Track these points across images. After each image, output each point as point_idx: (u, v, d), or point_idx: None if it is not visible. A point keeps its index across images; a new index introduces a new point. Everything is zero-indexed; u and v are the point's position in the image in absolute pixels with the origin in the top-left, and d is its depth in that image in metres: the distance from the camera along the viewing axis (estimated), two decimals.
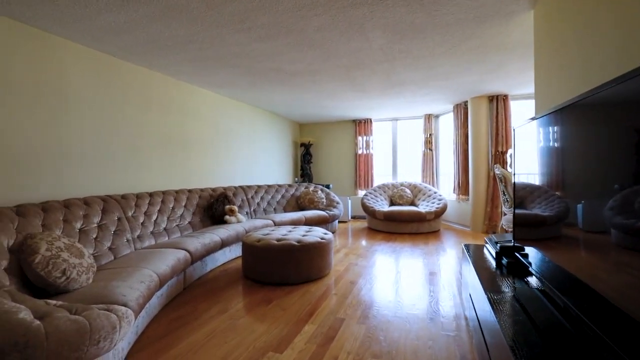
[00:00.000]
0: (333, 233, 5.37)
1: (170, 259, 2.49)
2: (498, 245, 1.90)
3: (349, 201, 6.61)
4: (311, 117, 6.83)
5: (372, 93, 4.79)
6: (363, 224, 6.34)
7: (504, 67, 3.66)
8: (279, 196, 5.40)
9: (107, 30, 2.66)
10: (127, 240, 2.78)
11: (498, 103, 5.00)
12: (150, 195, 3.40)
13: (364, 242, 4.64)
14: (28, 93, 2.59)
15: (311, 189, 5.70)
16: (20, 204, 2.10)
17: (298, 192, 5.67)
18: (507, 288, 1.51)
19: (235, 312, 2.34)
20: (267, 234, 3.27)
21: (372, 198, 6.03)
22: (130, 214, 2.99)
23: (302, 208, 5.46)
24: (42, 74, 2.68)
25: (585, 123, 1.13)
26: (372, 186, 7.04)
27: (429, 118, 6.55)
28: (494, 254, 1.94)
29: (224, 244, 3.45)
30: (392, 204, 6.16)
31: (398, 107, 5.88)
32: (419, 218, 5.20)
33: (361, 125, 7.13)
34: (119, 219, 2.80)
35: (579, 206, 1.13)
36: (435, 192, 5.89)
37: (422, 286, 2.83)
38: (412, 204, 6.07)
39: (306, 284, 2.90)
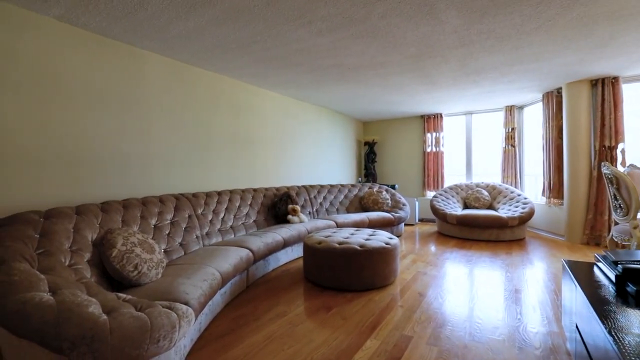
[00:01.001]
0: (398, 237, 5.05)
1: (233, 257, 2.53)
2: (619, 266, 1.47)
3: (417, 203, 6.18)
4: (375, 114, 6.56)
5: (443, 84, 4.36)
6: (432, 227, 5.86)
7: (615, 41, 2.97)
8: (342, 196, 5.27)
9: (178, 38, 2.81)
10: (197, 237, 2.92)
11: (604, 87, 4.13)
12: (219, 194, 3.54)
13: (433, 248, 4.25)
14: (115, 101, 2.87)
15: (375, 189, 5.45)
16: (105, 201, 2.31)
17: (361, 193, 5.47)
18: (638, 328, 1.13)
19: (294, 316, 2.26)
20: (329, 236, 3.15)
21: (442, 200, 5.53)
22: (199, 211, 3.14)
23: (365, 209, 5.25)
24: (127, 83, 2.95)
25: None
26: (442, 187, 6.49)
27: (510, 110, 5.77)
28: (612, 278, 1.51)
29: (285, 243, 3.43)
30: (465, 206, 5.58)
31: (473, 99, 5.29)
32: (500, 224, 4.58)
33: (430, 121, 6.62)
34: (189, 217, 2.95)
35: None
36: (519, 195, 5.16)
37: (505, 305, 2.42)
38: (490, 207, 5.41)
39: (369, 292, 2.70)
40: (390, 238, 3.11)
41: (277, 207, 4.11)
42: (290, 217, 4.04)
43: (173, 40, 2.87)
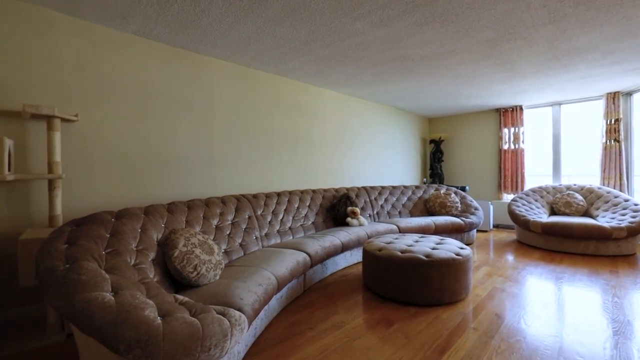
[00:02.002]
0: (469, 245, 4.56)
1: (290, 261, 2.47)
2: None
3: (491, 207, 5.53)
4: (442, 109, 6.05)
5: (526, 71, 3.78)
6: (510, 235, 5.19)
7: None
8: (405, 198, 4.95)
9: (239, 41, 2.86)
10: (256, 238, 2.95)
11: None
12: (278, 195, 3.56)
13: (511, 260, 3.71)
14: (183, 106, 3.04)
15: (442, 191, 5.01)
16: (171, 201, 2.44)
17: (427, 195, 5.07)
18: None
19: (351, 329, 2.10)
20: (391, 243, 2.93)
21: (523, 204, 4.85)
22: (259, 212, 3.17)
23: (431, 213, 4.85)
24: (194, 89, 3.12)
25: None
26: (522, 189, 5.72)
27: (613, 97, 4.81)
28: None
29: (344, 247, 3.30)
30: (553, 212, 4.81)
31: (563, 87, 4.52)
32: (601, 235, 3.83)
33: (507, 115, 5.88)
34: (249, 217, 2.99)
35: None
36: (626, 200, 4.26)
37: (614, 341, 1.94)
38: (586, 214, 4.57)
39: (435, 308, 2.42)
40: (462, 248, 2.76)
41: (336, 209, 4.00)
42: (349, 219, 3.90)
43: (235, 45, 2.94)
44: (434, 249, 2.71)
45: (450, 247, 2.75)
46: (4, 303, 2.20)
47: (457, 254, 2.60)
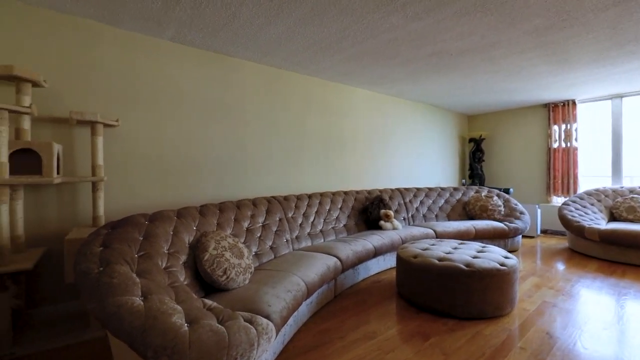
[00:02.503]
0: (514, 252, 4.23)
1: (320, 266, 2.41)
2: None
3: (538, 211, 5.10)
4: (482, 106, 5.69)
5: (581, 61, 3.42)
6: (560, 242, 4.75)
7: None
8: (442, 201, 4.70)
9: (270, 43, 2.85)
10: (286, 241, 2.92)
11: None
12: (309, 197, 3.51)
13: (562, 271, 3.37)
14: (216, 109, 3.09)
15: (484, 193, 4.69)
16: (203, 204, 2.47)
17: (466, 197, 4.78)
18: None
19: (384, 341, 1.99)
20: (427, 249, 2.77)
21: (577, 209, 4.41)
22: (290, 214, 3.14)
23: (471, 217, 4.56)
24: (226, 92, 3.16)
25: None
26: (575, 191, 5.22)
27: None
28: None
29: (377, 252, 3.18)
30: (612, 218, 4.32)
31: (627, 77, 4.04)
32: None
33: (557, 110, 5.40)
34: (280, 220, 2.97)
35: None
36: None
37: None
38: None
39: (476, 322, 2.23)
40: (507, 257, 2.54)
41: (369, 211, 3.88)
42: (382, 222, 3.76)
43: (266, 46, 2.93)
44: (475, 257, 2.52)
45: (494, 255, 2.54)
46: (54, 298, 2.35)
47: (502, 264, 2.39)
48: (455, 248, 2.79)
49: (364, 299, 2.68)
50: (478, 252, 2.68)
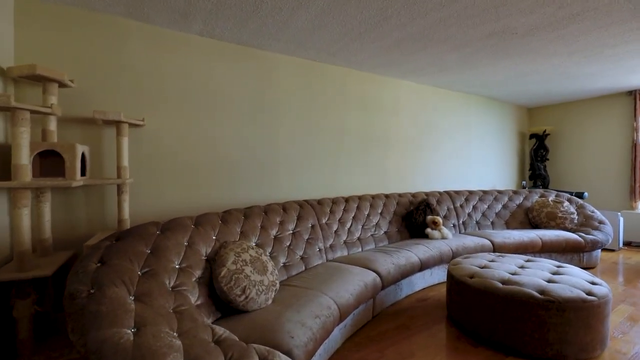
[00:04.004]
0: (591, 269, 3.54)
1: (356, 283, 2.08)
2: None
3: (620, 219, 4.27)
4: (546, 96, 4.93)
5: None
6: None
7: None
8: (499, 206, 4.10)
9: (302, 31, 2.57)
10: (319, 250, 2.63)
11: None
12: (346, 200, 3.19)
13: None
14: (248, 106, 2.89)
15: (551, 198, 4.02)
16: (227, 209, 2.26)
17: (529, 202, 4.13)
18: None
19: None
20: (485, 266, 2.31)
21: None
22: (324, 221, 2.84)
23: (535, 225, 3.93)
24: (258, 87, 2.94)
25: None
26: None
27: None
28: None
29: (423, 266, 2.77)
30: None
31: None
32: None
33: None
34: (312, 227, 2.68)
35: None
36: None
37: None
38: None
39: None
40: (593, 282, 2.01)
41: (413, 217, 3.45)
42: (429, 230, 3.32)
43: (297, 36, 2.66)
44: (550, 281, 2.02)
45: (575, 279, 2.02)
46: None
47: (589, 292, 1.87)
48: (522, 267, 2.30)
49: (408, 323, 2.29)
50: (553, 273, 2.17)
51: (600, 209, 4.84)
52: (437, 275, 3.09)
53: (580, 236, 3.51)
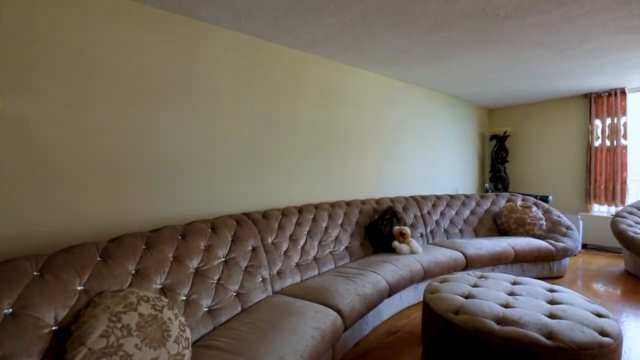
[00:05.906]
0: (559, 278, 3.34)
1: (309, 335, 1.50)
2: None
3: (580, 222, 4.18)
4: (509, 96, 4.77)
5: None
6: (612, 263, 3.85)
7: None
8: (467, 212, 3.78)
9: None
10: (262, 280, 2.00)
11: None
12: (299, 211, 2.60)
13: (631, 310, 2.47)
14: (171, 91, 2.16)
15: (519, 202, 3.79)
16: (121, 234, 1.53)
17: (496, 207, 3.86)
18: None
19: None
20: (469, 295, 1.86)
21: (637, 222, 3.52)
22: (270, 240, 2.23)
23: (503, 232, 3.66)
24: (184, 67, 2.22)
25: None
26: (623, 199, 4.33)
27: None
28: None
29: (392, 291, 2.28)
30: None
31: None
32: None
33: (601, 101, 4.50)
34: (253, 249, 2.05)
35: None
36: None
37: None
38: None
39: None
40: (598, 314, 1.64)
41: (379, 228, 2.96)
42: (396, 244, 2.85)
43: (241, 3, 2.01)
44: (551, 315, 1.61)
45: (579, 311, 1.63)
46: None
47: (602, 332, 1.48)
48: (513, 294, 1.89)
49: None
50: (549, 301, 1.78)
51: (561, 211, 4.78)
52: (407, 298, 2.63)
53: (551, 244, 3.27)
